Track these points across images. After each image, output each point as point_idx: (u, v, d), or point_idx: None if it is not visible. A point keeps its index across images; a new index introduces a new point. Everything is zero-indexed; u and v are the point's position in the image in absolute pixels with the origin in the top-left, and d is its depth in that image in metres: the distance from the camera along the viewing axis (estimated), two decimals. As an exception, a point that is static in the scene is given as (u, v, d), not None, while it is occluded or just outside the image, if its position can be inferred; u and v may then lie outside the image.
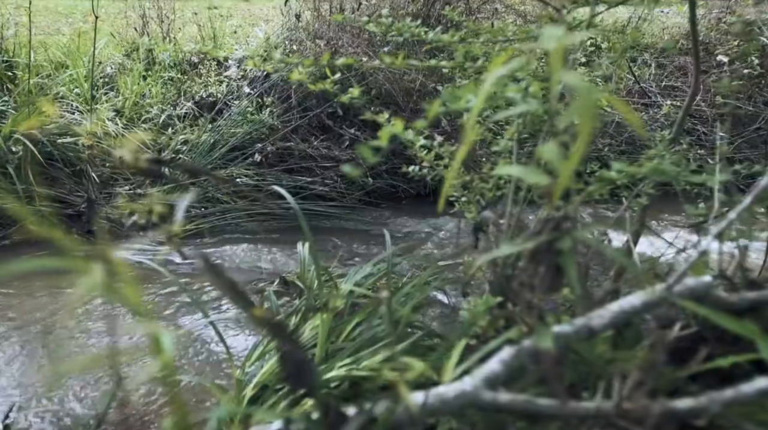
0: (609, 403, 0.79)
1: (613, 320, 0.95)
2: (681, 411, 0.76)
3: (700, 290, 1.02)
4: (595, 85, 4.37)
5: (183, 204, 0.74)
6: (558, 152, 0.66)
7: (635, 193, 1.60)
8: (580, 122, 0.61)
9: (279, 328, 0.65)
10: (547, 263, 0.83)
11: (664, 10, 6.97)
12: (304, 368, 0.69)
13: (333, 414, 0.68)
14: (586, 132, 0.61)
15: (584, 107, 0.61)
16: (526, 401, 0.83)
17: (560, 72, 0.65)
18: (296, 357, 0.68)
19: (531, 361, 0.87)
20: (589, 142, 0.62)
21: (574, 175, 1.28)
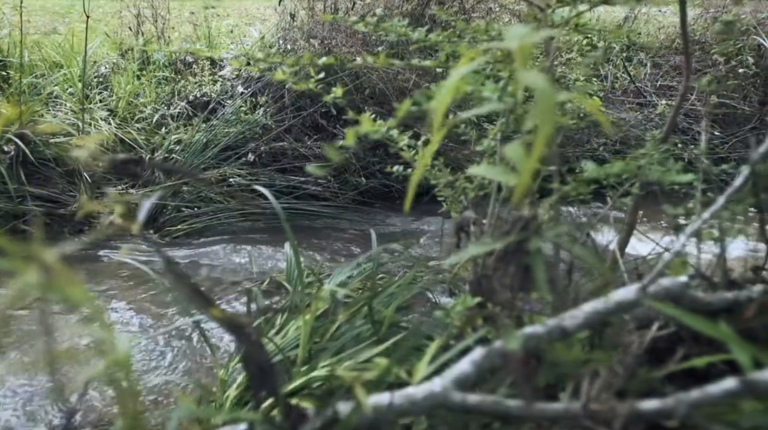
0: (577, 404, 0.78)
1: (586, 320, 0.94)
2: (648, 412, 0.76)
3: (676, 291, 1.01)
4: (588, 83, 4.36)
5: (147, 204, 0.73)
6: (520, 152, 0.65)
7: (620, 193, 1.59)
8: (540, 123, 0.61)
9: (240, 329, 0.65)
10: (516, 263, 0.83)
11: (661, 9, 6.96)
12: (266, 369, 0.69)
13: (295, 416, 0.67)
14: (546, 132, 0.61)
15: (544, 108, 0.61)
16: (494, 402, 0.82)
17: (523, 72, 0.64)
18: (259, 359, 0.67)
19: (501, 362, 0.87)
20: (549, 142, 0.61)
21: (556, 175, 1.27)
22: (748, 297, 1.08)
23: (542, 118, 0.61)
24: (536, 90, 0.62)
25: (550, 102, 0.61)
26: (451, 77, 0.72)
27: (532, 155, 0.63)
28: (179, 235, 3.20)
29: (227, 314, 0.64)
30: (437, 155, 1.72)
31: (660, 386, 1.06)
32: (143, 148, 3.49)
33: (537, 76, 0.63)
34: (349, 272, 1.76)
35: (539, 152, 0.62)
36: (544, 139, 0.62)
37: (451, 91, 0.73)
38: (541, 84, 0.62)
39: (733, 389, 0.73)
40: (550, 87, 0.62)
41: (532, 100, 1.73)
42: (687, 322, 0.86)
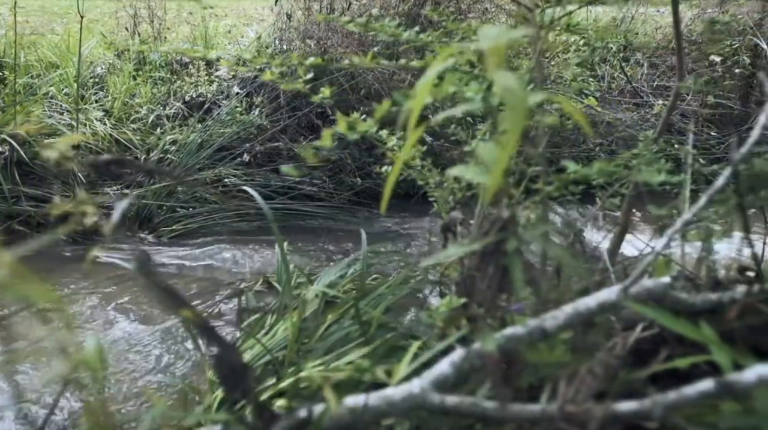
0: (553, 406, 0.78)
1: (567, 321, 0.94)
2: (624, 414, 0.76)
3: (658, 292, 1.01)
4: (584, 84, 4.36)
5: (121, 205, 0.73)
6: (493, 152, 0.65)
7: (610, 193, 1.59)
8: (509, 123, 0.61)
9: (211, 331, 0.65)
10: (494, 264, 0.83)
11: (659, 10, 6.96)
12: (238, 371, 0.68)
13: (267, 416, 0.67)
14: (515, 133, 0.61)
15: (514, 109, 0.61)
16: (472, 403, 0.82)
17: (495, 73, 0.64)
18: (230, 360, 0.67)
19: (480, 363, 0.86)
20: (518, 142, 0.61)
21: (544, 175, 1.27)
22: (731, 298, 1.08)
23: (512, 118, 0.61)
24: (506, 91, 0.61)
25: (520, 103, 0.61)
26: (424, 77, 0.72)
27: (503, 155, 0.62)
28: (174, 235, 3.20)
29: (198, 316, 0.63)
30: (425, 155, 1.73)
31: (642, 387, 1.06)
32: (138, 148, 3.49)
33: (508, 76, 0.63)
34: (338, 272, 1.76)
35: (509, 152, 0.62)
36: (514, 140, 0.61)
37: (425, 91, 0.73)
38: (512, 85, 0.62)
39: (709, 391, 0.73)
40: (521, 88, 0.62)
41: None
42: (666, 323, 0.86)
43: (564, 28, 1.68)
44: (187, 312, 0.63)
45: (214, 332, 0.65)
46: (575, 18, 1.87)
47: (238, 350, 0.67)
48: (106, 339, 2.31)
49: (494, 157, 0.63)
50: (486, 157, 0.65)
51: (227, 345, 0.66)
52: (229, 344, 0.66)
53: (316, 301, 1.65)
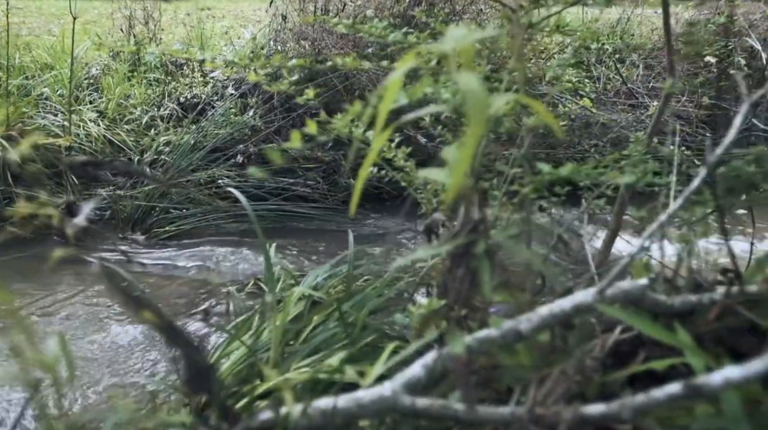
0: (522, 408, 0.78)
1: (542, 323, 0.94)
2: (593, 417, 0.75)
3: (635, 294, 1.01)
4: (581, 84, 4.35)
5: (87, 207, 0.73)
6: (456, 154, 0.65)
7: (596, 194, 1.59)
8: (470, 125, 0.61)
9: (174, 332, 0.65)
10: (465, 266, 0.82)
11: (657, 11, 6.95)
12: (203, 372, 0.68)
13: (232, 418, 0.67)
14: (476, 134, 0.61)
15: (474, 110, 0.61)
16: (442, 406, 0.82)
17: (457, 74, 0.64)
18: (196, 361, 0.67)
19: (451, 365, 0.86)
20: (478, 143, 0.61)
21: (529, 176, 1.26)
22: (710, 300, 1.08)
23: (472, 120, 0.60)
24: (468, 92, 0.61)
25: (481, 104, 0.61)
26: (391, 78, 0.72)
27: (464, 157, 0.62)
28: (167, 236, 3.20)
29: (160, 317, 0.63)
30: (413, 156, 1.72)
31: (620, 389, 1.05)
32: (132, 149, 3.49)
33: (471, 78, 0.63)
34: (325, 273, 1.76)
35: (470, 154, 0.62)
36: (475, 141, 0.61)
37: (393, 92, 0.73)
38: (474, 87, 0.62)
39: (678, 394, 0.73)
40: (482, 89, 0.62)
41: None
42: (639, 326, 0.86)
43: (553, 29, 1.68)
44: (149, 314, 0.63)
45: (178, 333, 0.65)
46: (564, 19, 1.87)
47: (202, 351, 0.67)
48: (98, 340, 2.31)
49: (456, 158, 0.63)
50: (449, 159, 0.65)
51: (191, 346, 0.66)
52: (193, 345, 0.65)
53: (301, 302, 1.65)
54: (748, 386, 0.88)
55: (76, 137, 3.39)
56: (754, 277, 1.19)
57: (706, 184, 1.06)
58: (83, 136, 3.40)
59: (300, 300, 1.65)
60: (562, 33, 1.77)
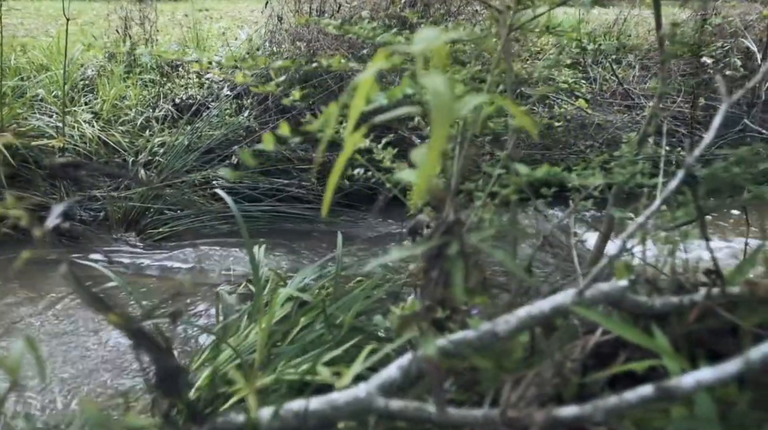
0: (495, 411, 0.78)
1: (519, 325, 0.94)
2: (565, 419, 0.75)
3: (615, 295, 1.00)
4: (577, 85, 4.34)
5: (58, 209, 0.73)
6: (423, 155, 0.65)
7: (584, 195, 1.59)
8: (434, 126, 0.60)
9: (141, 335, 0.65)
10: (439, 268, 0.82)
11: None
12: (172, 374, 0.68)
13: (200, 420, 0.67)
14: (440, 136, 0.60)
15: (439, 111, 0.60)
16: (416, 408, 0.82)
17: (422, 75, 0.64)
18: (164, 364, 0.67)
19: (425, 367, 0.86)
20: (443, 144, 0.61)
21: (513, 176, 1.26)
22: (691, 301, 1.08)
23: (437, 121, 0.60)
24: (433, 93, 0.61)
25: (445, 105, 0.61)
26: (362, 79, 0.72)
27: (430, 158, 0.62)
28: (161, 237, 3.20)
29: (126, 320, 0.63)
30: (402, 157, 1.72)
31: (600, 390, 1.05)
32: (127, 150, 3.49)
33: (437, 79, 0.63)
34: (314, 274, 1.76)
35: (436, 155, 0.62)
36: (441, 142, 0.61)
37: (364, 92, 0.73)
38: (439, 88, 0.61)
39: (649, 396, 0.72)
40: (448, 90, 0.61)
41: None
42: (613, 328, 0.86)
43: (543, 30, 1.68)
44: (115, 317, 0.63)
45: (145, 336, 0.65)
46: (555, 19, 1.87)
47: (170, 353, 0.67)
48: (91, 341, 2.31)
49: (423, 159, 0.63)
50: (417, 160, 0.64)
51: (159, 349, 0.66)
52: (161, 348, 0.65)
53: (290, 303, 1.65)
54: (725, 388, 0.88)
55: (71, 138, 3.39)
56: (736, 278, 1.18)
57: (688, 186, 1.06)
58: (77, 138, 3.40)
59: (288, 301, 1.64)
60: (552, 33, 1.77)
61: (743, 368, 0.68)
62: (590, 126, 4.00)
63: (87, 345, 2.28)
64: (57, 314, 2.50)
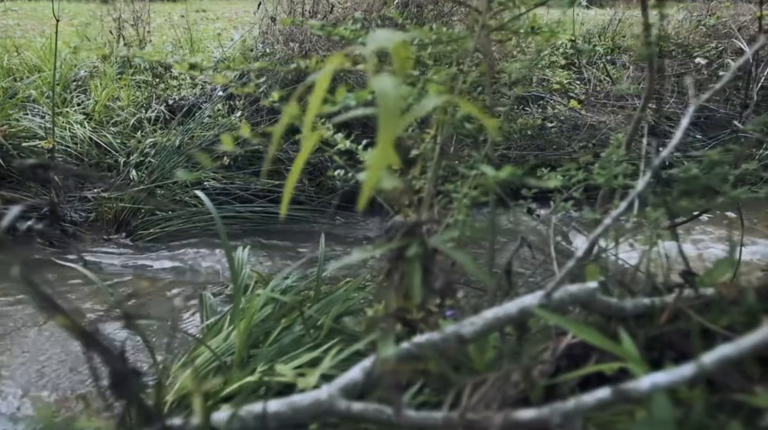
0: (455, 413, 0.77)
1: (485, 327, 0.93)
2: (524, 421, 0.75)
3: (583, 297, 1.00)
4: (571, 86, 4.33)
5: (13, 212, 0.72)
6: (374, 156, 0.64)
7: (564, 197, 1.58)
8: (381, 128, 0.60)
9: (91, 338, 0.64)
10: (400, 270, 0.82)
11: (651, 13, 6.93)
12: (124, 376, 0.68)
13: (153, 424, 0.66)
14: (389, 137, 0.60)
15: (386, 112, 0.60)
16: (377, 410, 0.81)
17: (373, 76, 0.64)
18: (115, 366, 0.66)
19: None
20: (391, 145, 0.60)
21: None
22: (663, 303, 1.07)
23: (383, 122, 0.60)
24: (380, 94, 0.61)
25: (392, 107, 0.60)
26: (318, 81, 0.71)
27: (378, 159, 0.62)
28: (151, 238, 3.19)
29: (76, 322, 0.63)
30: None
31: (570, 392, 1.05)
32: (118, 151, 3.49)
33: (386, 80, 0.63)
34: (296, 276, 1.76)
35: (384, 156, 0.61)
36: (388, 143, 0.61)
37: (320, 94, 0.72)
38: (386, 89, 0.61)
39: (607, 399, 0.72)
40: (395, 92, 0.61)
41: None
42: (576, 332, 0.85)
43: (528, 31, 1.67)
44: (64, 319, 0.62)
45: (95, 338, 0.64)
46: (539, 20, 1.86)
47: (122, 356, 0.67)
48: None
49: (372, 161, 0.62)
50: (368, 162, 0.64)
51: (110, 352, 0.65)
52: (110, 351, 0.65)
53: (271, 305, 1.64)
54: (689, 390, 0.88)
55: (61, 139, 3.38)
56: (711, 280, 1.18)
57: (660, 187, 1.05)
58: (68, 138, 3.39)
59: (269, 303, 1.64)
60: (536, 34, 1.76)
61: (697, 371, 0.68)
62: (583, 127, 3.99)
63: (79, 345, 2.28)
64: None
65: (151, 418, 0.67)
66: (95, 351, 0.64)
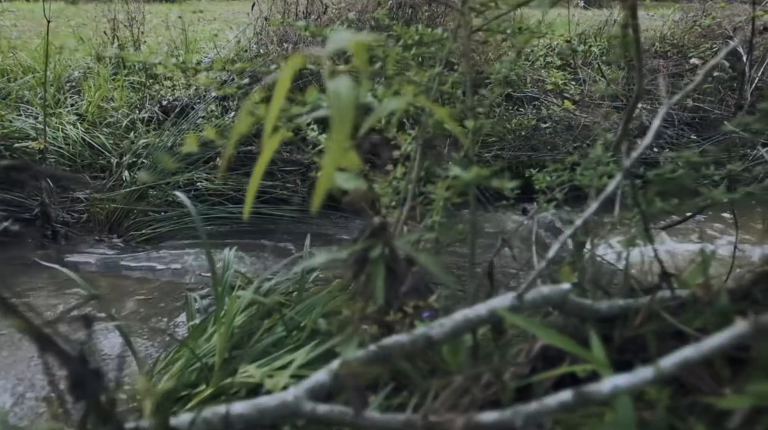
0: (417, 415, 0.77)
1: (455, 329, 0.93)
2: (486, 424, 0.74)
3: (556, 298, 1.00)
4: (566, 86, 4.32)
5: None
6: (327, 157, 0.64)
7: (549, 197, 1.58)
8: (334, 129, 0.60)
9: (47, 340, 0.64)
10: (365, 272, 0.82)
11: (648, 13, 6.94)
12: (85, 379, 0.67)
13: (111, 426, 0.66)
14: (340, 138, 0.60)
15: (339, 114, 0.60)
16: (341, 412, 0.81)
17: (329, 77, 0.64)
18: (73, 368, 0.66)
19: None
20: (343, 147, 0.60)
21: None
22: (639, 304, 1.07)
23: (336, 124, 0.60)
24: (334, 95, 0.61)
25: (345, 108, 0.60)
26: (278, 83, 0.71)
27: (330, 160, 0.62)
28: (143, 239, 3.19)
29: (31, 324, 0.63)
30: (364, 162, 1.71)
31: (544, 394, 1.04)
32: (111, 152, 3.49)
33: (342, 81, 0.62)
34: (280, 277, 1.75)
35: (336, 157, 0.61)
36: (341, 145, 0.61)
37: (282, 93, 0.72)
38: (340, 90, 0.61)
39: (568, 401, 0.72)
40: (350, 93, 0.61)
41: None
42: (542, 336, 0.85)
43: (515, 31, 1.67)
44: (20, 322, 0.62)
45: (51, 341, 0.64)
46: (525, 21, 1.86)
47: (81, 358, 0.66)
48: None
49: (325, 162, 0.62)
50: (323, 163, 0.64)
51: (66, 354, 0.65)
52: (66, 353, 0.65)
53: (254, 306, 1.64)
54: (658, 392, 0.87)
55: (54, 140, 3.38)
56: (692, 281, 1.18)
57: (632, 188, 1.05)
58: (61, 139, 3.39)
59: (252, 304, 1.64)
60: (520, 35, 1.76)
61: (656, 374, 0.68)
62: (577, 127, 3.99)
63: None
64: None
65: (107, 420, 0.66)
66: (52, 354, 0.64)
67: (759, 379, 0.78)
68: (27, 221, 3.17)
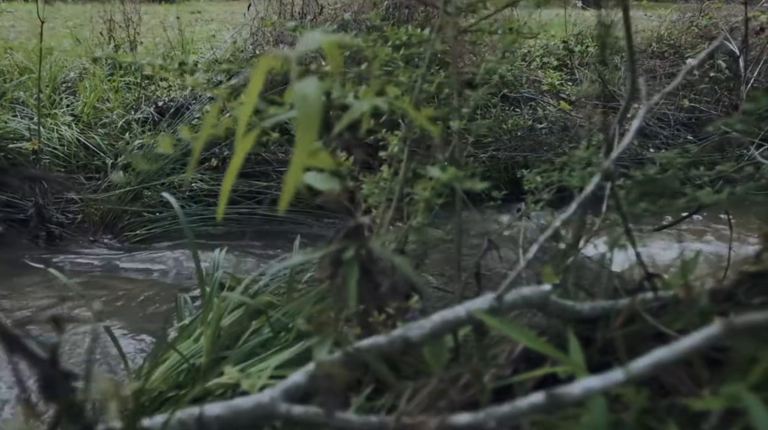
0: (390, 417, 0.77)
1: (434, 331, 0.93)
2: (460, 426, 0.74)
3: (537, 300, 0.99)
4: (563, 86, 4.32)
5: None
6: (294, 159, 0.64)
7: (536, 198, 1.58)
8: (299, 132, 0.60)
9: (15, 341, 0.64)
10: (341, 274, 0.81)
11: (646, 14, 6.94)
12: (55, 381, 0.67)
13: (83, 426, 0.66)
14: (305, 141, 0.60)
15: (303, 116, 0.60)
16: (316, 413, 0.81)
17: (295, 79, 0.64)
18: (42, 369, 0.66)
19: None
20: (308, 150, 0.60)
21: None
22: (622, 305, 1.07)
23: (301, 126, 0.60)
24: (299, 98, 0.60)
25: (310, 110, 0.60)
26: (251, 85, 0.71)
27: (296, 163, 0.62)
28: (138, 240, 3.19)
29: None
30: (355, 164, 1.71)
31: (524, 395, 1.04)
32: (106, 152, 3.49)
33: (308, 84, 0.62)
34: (269, 277, 1.75)
35: (302, 159, 0.61)
36: (306, 148, 0.61)
37: (254, 95, 0.72)
38: (306, 92, 0.61)
39: (540, 403, 0.72)
40: (315, 96, 0.61)
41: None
42: (518, 338, 0.85)
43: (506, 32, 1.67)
44: (-13, 322, 0.62)
45: (20, 342, 0.64)
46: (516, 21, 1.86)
47: (51, 360, 0.66)
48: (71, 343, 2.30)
49: (292, 164, 0.62)
50: (291, 166, 0.64)
51: (35, 356, 0.65)
52: (33, 354, 0.65)
53: (242, 307, 1.64)
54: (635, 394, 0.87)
55: (49, 141, 3.39)
56: (676, 282, 1.17)
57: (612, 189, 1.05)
58: (56, 140, 3.40)
59: (240, 305, 1.64)
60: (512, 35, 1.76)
61: (627, 376, 0.68)
62: (573, 127, 3.99)
63: (66, 347, 2.28)
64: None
65: (78, 421, 0.66)
66: (20, 355, 0.64)
67: (734, 380, 0.78)
68: (21, 221, 3.17)
